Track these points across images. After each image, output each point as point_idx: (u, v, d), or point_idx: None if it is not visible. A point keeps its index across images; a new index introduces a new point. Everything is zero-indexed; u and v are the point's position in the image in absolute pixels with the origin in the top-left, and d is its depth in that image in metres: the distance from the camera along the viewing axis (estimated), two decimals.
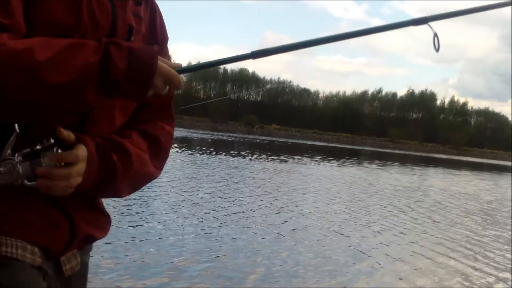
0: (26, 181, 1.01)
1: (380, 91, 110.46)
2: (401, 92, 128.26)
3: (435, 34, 1.05)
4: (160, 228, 6.58)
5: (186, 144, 25.95)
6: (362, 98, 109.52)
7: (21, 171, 1.01)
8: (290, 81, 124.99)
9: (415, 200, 13.06)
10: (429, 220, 9.97)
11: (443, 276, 5.93)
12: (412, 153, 60.77)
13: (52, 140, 1.02)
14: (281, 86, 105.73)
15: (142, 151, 1.20)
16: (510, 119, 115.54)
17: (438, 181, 21.09)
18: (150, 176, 1.25)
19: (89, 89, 0.95)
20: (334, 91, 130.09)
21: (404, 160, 37.25)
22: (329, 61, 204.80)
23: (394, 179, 18.97)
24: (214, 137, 41.01)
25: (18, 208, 1.07)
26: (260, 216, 8.32)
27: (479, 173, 32.87)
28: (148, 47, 1.01)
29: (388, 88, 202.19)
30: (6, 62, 0.92)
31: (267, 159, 22.14)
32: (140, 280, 4.58)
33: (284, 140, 53.46)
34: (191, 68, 1.10)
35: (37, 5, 1.02)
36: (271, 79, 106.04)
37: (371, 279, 5.50)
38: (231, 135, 49.30)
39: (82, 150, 1.05)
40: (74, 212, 1.15)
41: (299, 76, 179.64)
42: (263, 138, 51.41)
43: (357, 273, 5.66)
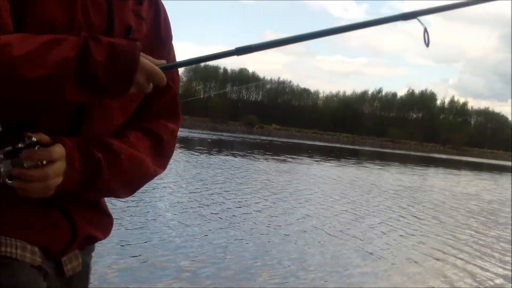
0: (7, 180, 0.98)
1: (380, 91, 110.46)
2: (401, 92, 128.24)
3: (425, 29, 1.04)
4: (166, 229, 6.58)
5: (187, 144, 25.91)
6: (362, 98, 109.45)
7: (2, 170, 0.97)
8: (290, 81, 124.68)
9: (417, 200, 13.06)
10: (434, 221, 9.97)
11: (451, 276, 5.94)
12: (412, 153, 60.76)
13: (34, 138, 1.00)
14: (281, 86, 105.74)
15: (137, 151, 1.17)
16: (510, 119, 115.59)
17: (439, 181, 21.11)
18: (149, 175, 1.23)
19: (67, 84, 0.92)
20: (334, 91, 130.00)
21: (404, 160, 37.25)
22: (329, 61, 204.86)
23: (396, 179, 18.97)
24: (215, 137, 41.00)
25: (18, 208, 1.06)
26: (266, 216, 8.33)
27: (479, 173, 32.88)
28: (131, 42, 0.98)
29: (388, 88, 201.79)
30: None
31: (269, 159, 22.14)
32: (147, 281, 4.58)
33: (284, 140, 53.45)
34: (175, 65, 1.08)
35: (31, 4, 1.01)
36: (271, 79, 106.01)
37: (379, 280, 5.51)
38: (231, 135, 49.27)
39: (58, 148, 1.02)
40: (75, 212, 1.14)
41: (299, 76, 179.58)
42: (263, 138, 51.39)
43: (365, 273, 5.66)
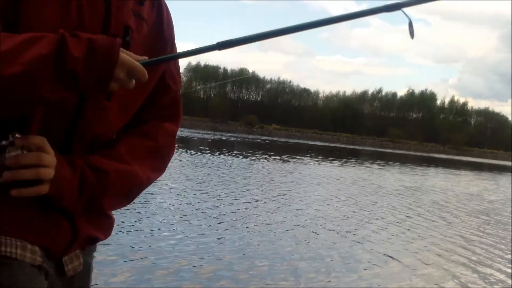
0: None
1: (380, 91, 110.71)
2: (401, 92, 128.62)
3: (410, 21, 1.03)
4: (163, 229, 6.54)
5: (187, 144, 25.94)
6: (362, 98, 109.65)
7: None
8: (290, 81, 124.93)
9: (422, 201, 13.03)
10: (442, 221, 9.94)
11: (464, 277, 5.90)
12: (412, 153, 60.87)
13: (18, 135, 1.00)
14: (281, 86, 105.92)
15: (127, 163, 1.17)
16: (510, 119, 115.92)
17: (440, 181, 21.09)
18: (142, 185, 1.23)
19: (44, 82, 0.92)
20: (334, 91, 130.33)
21: (404, 160, 37.31)
22: (329, 61, 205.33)
23: (397, 179, 18.96)
24: (215, 137, 41.05)
25: (19, 208, 1.07)
26: (262, 216, 8.27)
27: (479, 173, 32.94)
28: (111, 38, 0.97)
29: (388, 88, 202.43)
30: None
31: (269, 159, 22.12)
32: (143, 282, 4.54)
33: (285, 140, 53.53)
34: (156, 61, 1.06)
35: (24, 4, 1.01)
36: (271, 79, 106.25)
37: (382, 280, 5.46)
38: (231, 135, 49.37)
39: (47, 142, 1.03)
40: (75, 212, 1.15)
41: (299, 76, 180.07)
42: (263, 138, 51.48)
43: (377, 274, 5.63)
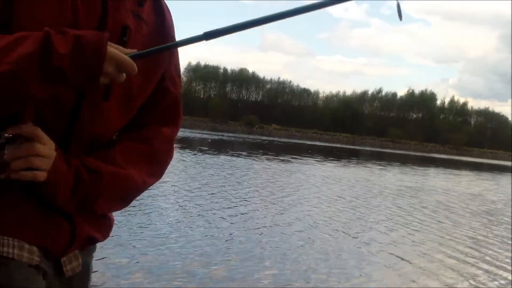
0: None
1: (380, 91, 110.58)
2: (401, 92, 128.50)
3: (398, 4, 1.03)
4: (168, 230, 6.54)
5: (187, 144, 25.91)
6: (362, 98, 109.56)
7: None
8: (290, 81, 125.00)
9: (425, 202, 13.03)
10: (448, 221, 9.95)
11: (470, 278, 5.91)
12: (412, 153, 60.81)
13: (9, 134, 1.00)
14: (281, 86, 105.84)
15: (122, 168, 1.17)
16: (510, 119, 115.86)
17: (441, 181, 21.09)
18: (138, 189, 1.23)
19: (31, 80, 0.92)
20: (334, 91, 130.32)
21: (404, 160, 37.28)
22: (329, 61, 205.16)
23: (398, 180, 18.96)
24: (215, 137, 41.02)
25: (18, 208, 1.06)
26: (268, 217, 8.28)
27: (479, 173, 32.91)
28: (98, 33, 0.97)
29: (388, 88, 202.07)
30: None
31: (269, 159, 22.12)
32: (149, 282, 4.54)
33: (285, 140, 53.49)
34: (145, 53, 1.06)
35: (19, 3, 1.01)
36: (271, 79, 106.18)
37: (381, 280, 5.47)
38: (232, 135, 49.32)
39: (42, 132, 1.03)
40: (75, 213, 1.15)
41: (299, 76, 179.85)
42: (263, 138, 51.44)
43: (367, 274, 5.63)
